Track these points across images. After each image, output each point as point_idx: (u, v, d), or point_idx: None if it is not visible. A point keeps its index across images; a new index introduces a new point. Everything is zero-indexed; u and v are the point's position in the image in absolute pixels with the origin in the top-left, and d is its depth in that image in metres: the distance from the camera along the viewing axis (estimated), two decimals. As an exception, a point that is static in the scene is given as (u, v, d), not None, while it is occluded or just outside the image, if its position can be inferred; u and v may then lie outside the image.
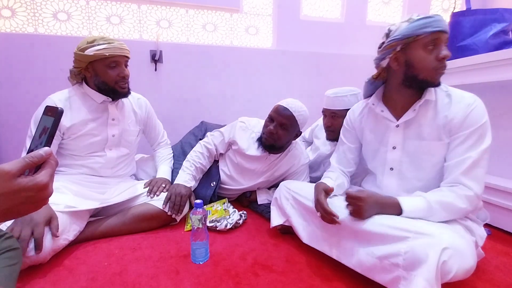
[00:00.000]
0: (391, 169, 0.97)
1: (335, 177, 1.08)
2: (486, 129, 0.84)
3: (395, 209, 0.84)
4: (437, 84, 0.88)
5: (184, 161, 1.42)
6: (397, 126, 0.94)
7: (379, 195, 0.90)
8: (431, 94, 0.89)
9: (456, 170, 0.83)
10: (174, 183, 1.30)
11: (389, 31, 0.90)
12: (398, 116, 0.94)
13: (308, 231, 1.06)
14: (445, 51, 0.83)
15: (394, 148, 0.95)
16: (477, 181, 0.81)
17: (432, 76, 0.85)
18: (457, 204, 0.81)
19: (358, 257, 0.84)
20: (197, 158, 1.42)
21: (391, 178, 0.98)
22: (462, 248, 0.71)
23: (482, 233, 0.88)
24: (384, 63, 0.91)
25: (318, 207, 0.95)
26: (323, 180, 1.07)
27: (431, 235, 0.72)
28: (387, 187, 0.98)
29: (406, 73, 0.88)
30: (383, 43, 0.91)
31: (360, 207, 0.85)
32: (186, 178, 1.32)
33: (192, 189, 1.36)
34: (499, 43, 1.41)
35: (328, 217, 0.91)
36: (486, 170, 0.84)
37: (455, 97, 0.88)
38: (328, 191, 0.97)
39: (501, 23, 1.42)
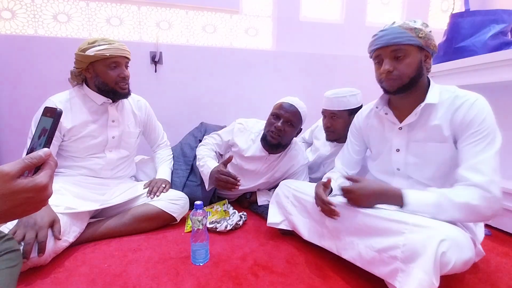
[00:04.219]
0: (398, 169, 0.97)
1: (336, 178, 1.09)
2: (494, 129, 0.80)
3: (397, 200, 0.83)
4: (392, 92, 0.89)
5: (199, 160, 1.41)
6: (400, 128, 0.94)
7: (380, 185, 0.89)
8: (434, 96, 0.88)
9: (470, 172, 0.77)
10: (211, 170, 1.26)
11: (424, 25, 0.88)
12: (402, 119, 0.94)
13: (308, 228, 1.06)
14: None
15: (397, 150, 0.96)
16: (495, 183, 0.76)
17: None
18: (473, 203, 0.74)
19: (358, 250, 0.85)
20: (208, 151, 1.46)
21: (399, 179, 0.97)
22: (459, 240, 0.71)
23: (481, 232, 0.89)
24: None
25: (318, 200, 0.96)
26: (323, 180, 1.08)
27: (429, 227, 0.72)
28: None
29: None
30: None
31: (353, 199, 0.88)
32: (214, 163, 1.34)
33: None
34: (498, 44, 1.41)
35: (327, 208, 0.91)
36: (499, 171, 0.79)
37: (461, 98, 0.85)
38: (326, 185, 0.97)
39: (500, 24, 1.42)
